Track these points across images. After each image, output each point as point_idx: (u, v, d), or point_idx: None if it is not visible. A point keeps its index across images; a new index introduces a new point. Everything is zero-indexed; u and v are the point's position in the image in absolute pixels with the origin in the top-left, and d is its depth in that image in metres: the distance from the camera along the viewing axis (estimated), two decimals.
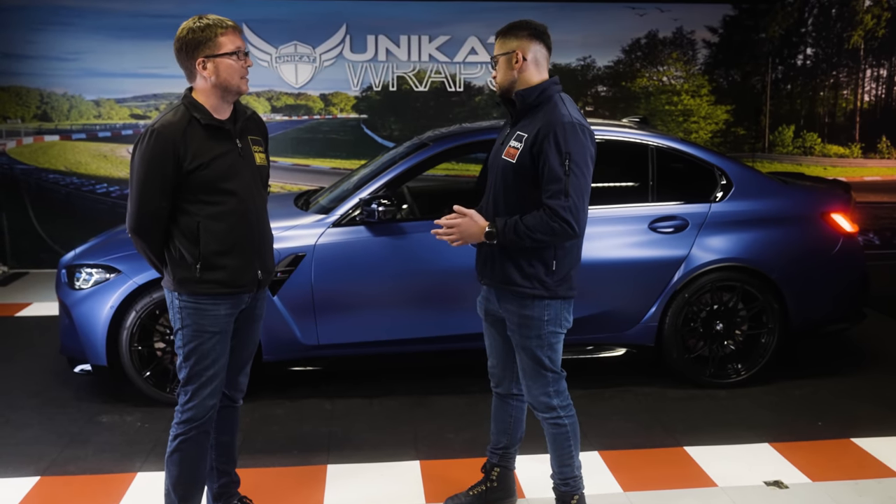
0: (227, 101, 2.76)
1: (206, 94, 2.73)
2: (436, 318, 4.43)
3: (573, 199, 2.67)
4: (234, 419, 3.09)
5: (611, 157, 4.09)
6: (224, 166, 2.72)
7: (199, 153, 2.67)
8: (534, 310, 2.85)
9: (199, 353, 2.78)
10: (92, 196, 8.23)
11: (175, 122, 2.67)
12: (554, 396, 2.94)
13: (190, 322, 2.77)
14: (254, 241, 2.84)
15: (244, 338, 2.97)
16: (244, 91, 2.76)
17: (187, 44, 2.67)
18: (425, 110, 8.44)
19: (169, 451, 2.85)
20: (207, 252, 2.72)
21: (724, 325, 4.62)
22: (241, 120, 2.84)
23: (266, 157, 2.96)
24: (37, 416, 4.30)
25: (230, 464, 3.12)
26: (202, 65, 2.68)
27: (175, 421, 2.84)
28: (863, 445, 3.90)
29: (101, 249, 4.55)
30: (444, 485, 3.50)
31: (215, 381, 2.82)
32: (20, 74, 7.93)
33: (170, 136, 2.64)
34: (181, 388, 2.83)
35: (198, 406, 2.80)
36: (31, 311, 6.52)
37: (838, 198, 4.86)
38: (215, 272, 2.74)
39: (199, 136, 2.69)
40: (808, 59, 8.22)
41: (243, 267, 2.80)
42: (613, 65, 8.64)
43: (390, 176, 4.51)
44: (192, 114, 2.70)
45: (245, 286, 2.83)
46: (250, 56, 2.73)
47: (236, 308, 2.85)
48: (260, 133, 2.95)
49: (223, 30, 2.67)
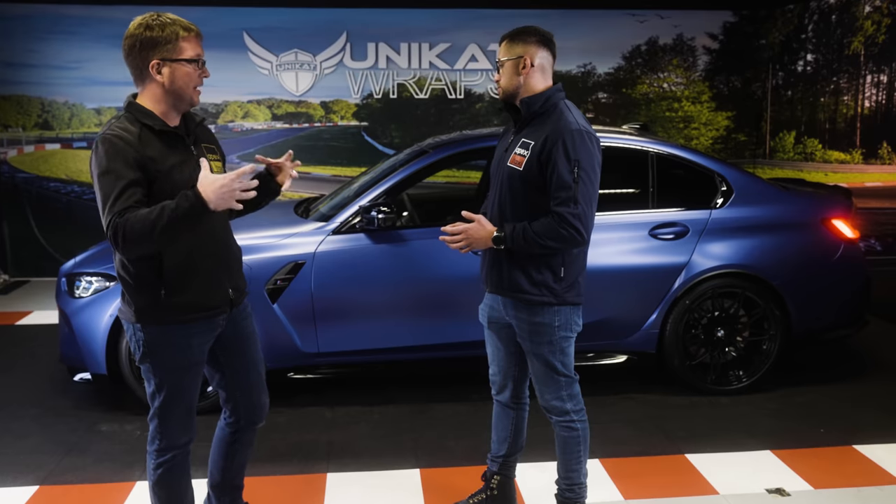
0: (179, 110, 2.53)
1: (156, 99, 2.48)
2: (436, 326, 4.42)
3: (582, 207, 2.69)
4: (251, 440, 2.96)
5: (611, 164, 4.05)
6: (183, 177, 2.45)
7: (157, 162, 2.41)
8: (544, 317, 2.85)
9: (170, 388, 2.57)
10: (93, 204, 8.14)
11: (128, 128, 2.40)
12: (567, 400, 2.94)
13: (157, 357, 2.53)
14: (221, 257, 2.63)
15: (242, 358, 2.79)
16: (196, 103, 2.53)
17: (142, 42, 2.42)
18: (426, 118, 8.45)
19: (152, 480, 2.68)
20: (172, 272, 2.47)
21: (725, 332, 4.61)
22: (192, 127, 2.60)
23: (223, 165, 2.72)
24: (36, 425, 4.29)
25: (240, 479, 3.03)
26: (156, 68, 2.43)
27: (152, 448, 2.65)
28: (865, 452, 3.89)
29: (100, 258, 4.55)
30: (444, 493, 3.48)
31: (192, 408, 2.66)
32: (22, 83, 7.96)
33: (126, 139, 2.37)
34: (154, 417, 2.62)
35: (174, 436, 2.63)
36: (31, 319, 6.52)
37: (839, 204, 4.85)
38: (183, 295, 2.49)
39: (154, 143, 2.43)
40: (808, 66, 8.22)
41: (213, 286, 2.58)
42: (614, 71, 8.65)
43: (390, 183, 4.51)
44: (141, 121, 2.44)
45: (217, 307, 2.61)
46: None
47: (210, 334, 2.62)
48: (212, 141, 2.73)
49: (186, 33, 2.44)
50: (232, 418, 2.89)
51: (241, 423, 2.89)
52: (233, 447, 2.93)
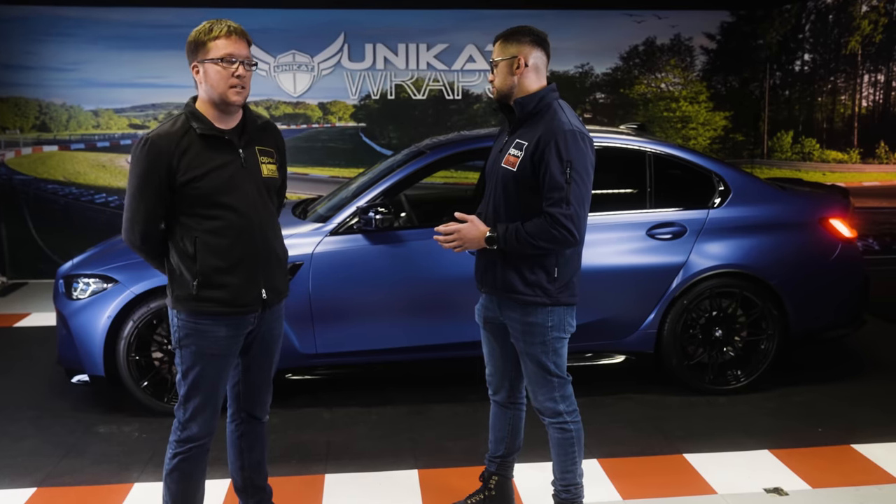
0: (225, 111, 2.61)
1: (204, 102, 2.61)
2: (434, 327, 4.42)
3: (574, 207, 2.68)
4: (262, 435, 2.99)
5: (609, 164, 4.08)
6: (221, 179, 2.56)
7: (193, 165, 2.53)
8: (537, 317, 2.84)
9: (198, 375, 2.66)
10: (91, 206, 8.24)
11: (172, 132, 2.55)
12: (560, 401, 2.93)
13: (188, 343, 2.64)
14: (258, 258, 2.66)
15: (260, 358, 2.84)
16: (233, 102, 2.56)
17: (189, 46, 2.57)
18: (423, 118, 8.46)
19: (168, 469, 2.75)
20: (206, 269, 2.57)
21: (723, 332, 4.61)
22: (251, 129, 2.68)
23: (277, 168, 2.77)
24: (34, 427, 4.28)
25: (263, 478, 3.05)
26: (196, 70, 2.57)
27: (174, 438, 2.73)
28: (863, 451, 3.89)
29: (98, 259, 4.55)
30: (442, 493, 3.48)
31: (215, 402, 2.72)
32: (19, 85, 7.96)
33: (163, 146, 2.52)
34: (180, 406, 2.71)
35: (197, 426, 2.69)
36: (29, 321, 6.52)
37: (837, 203, 4.85)
38: (214, 290, 2.59)
39: (196, 146, 2.55)
40: (805, 65, 8.23)
41: (245, 286, 2.64)
42: (611, 72, 8.66)
43: (388, 184, 4.51)
44: (190, 123, 2.57)
45: (248, 306, 2.66)
46: (245, 66, 2.58)
47: (240, 330, 2.69)
48: (273, 144, 2.78)
49: (219, 33, 2.53)
50: (232, 408, 2.94)
51: (241, 415, 2.93)
52: (241, 443, 2.96)
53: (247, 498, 3.05)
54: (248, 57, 2.59)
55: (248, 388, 2.89)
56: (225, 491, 3.51)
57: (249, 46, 2.62)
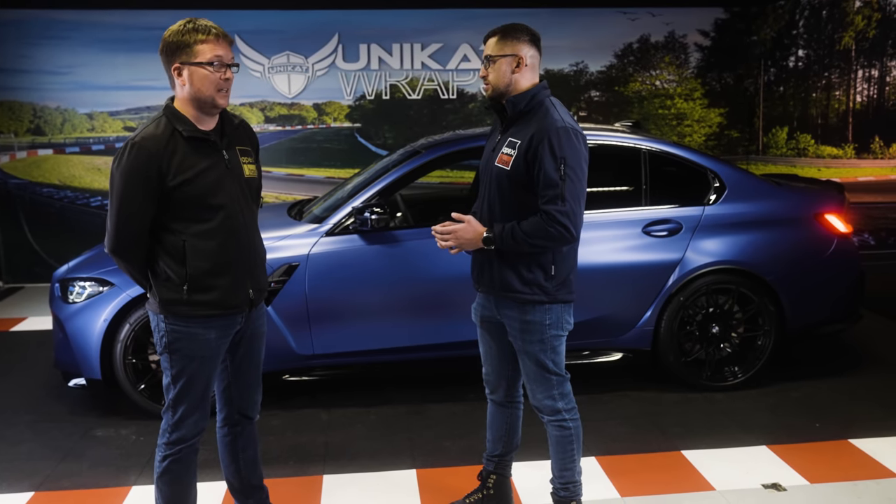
0: (207, 113, 2.59)
1: (185, 103, 2.57)
2: (430, 326, 4.42)
3: (570, 204, 2.68)
4: (253, 435, 2.99)
5: (604, 162, 4.08)
6: (210, 181, 2.55)
7: (182, 168, 2.51)
8: (535, 315, 2.84)
9: (187, 379, 2.65)
10: (86, 209, 8.22)
11: (157, 135, 2.51)
12: (559, 399, 2.93)
13: (178, 347, 2.62)
14: (245, 258, 2.68)
15: (248, 357, 2.85)
16: (220, 105, 2.57)
17: (167, 47, 2.53)
18: (419, 118, 8.45)
19: (158, 472, 2.75)
20: (195, 272, 2.56)
21: (720, 328, 4.62)
22: (229, 130, 2.68)
23: (256, 168, 2.79)
24: (31, 432, 4.28)
25: (259, 477, 3.06)
26: (177, 71, 2.53)
27: (163, 441, 2.73)
28: (861, 446, 3.89)
29: (94, 262, 4.54)
30: (441, 493, 3.48)
31: (205, 403, 2.73)
32: (13, 89, 7.94)
33: (152, 149, 2.48)
34: (168, 409, 2.70)
35: (187, 428, 2.70)
36: (26, 325, 6.50)
37: (832, 199, 4.86)
38: (205, 293, 2.59)
39: (183, 149, 2.52)
40: (799, 61, 8.24)
41: (234, 286, 2.65)
42: (606, 69, 8.66)
43: (383, 184, 4.51)
44: (174, 126, 2.53)
45: (237, 307, 2.68)
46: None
47: (229, 330, 2.70)
48: (250, 143, 2.78)
49: (205, 36, 2.50)
50: (224, 412, 2.93)
51: (234, 417, 2.93)
52: (234, 444, 2.96)
53: (245, 499, 3.05)
54: (233, 58, 2.60)
55: (241, 389, 2.89)
56: (222, 495, 3.51)
57: (231, 47, 2.63)
